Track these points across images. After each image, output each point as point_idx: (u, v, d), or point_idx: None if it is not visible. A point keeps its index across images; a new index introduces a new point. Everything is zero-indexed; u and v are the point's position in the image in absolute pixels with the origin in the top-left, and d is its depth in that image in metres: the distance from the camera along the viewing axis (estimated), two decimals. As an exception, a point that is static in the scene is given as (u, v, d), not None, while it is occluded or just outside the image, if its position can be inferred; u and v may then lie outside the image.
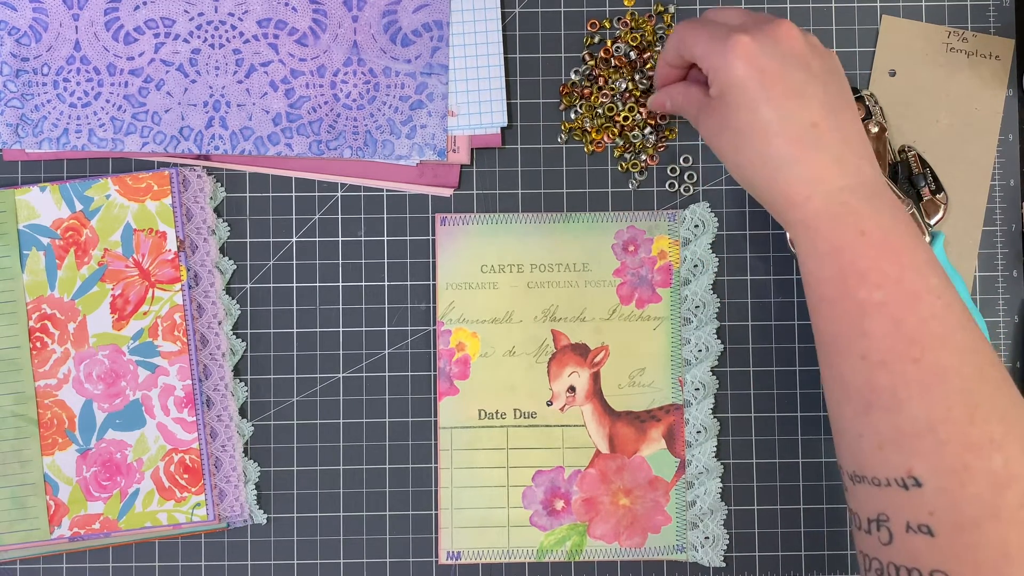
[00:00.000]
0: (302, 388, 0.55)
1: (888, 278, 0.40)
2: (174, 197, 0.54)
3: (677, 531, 0.54)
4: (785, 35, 0.42)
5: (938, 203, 0.54)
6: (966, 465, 0.38)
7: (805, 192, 0.42)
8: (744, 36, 0.42)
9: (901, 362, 0.39)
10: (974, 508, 0.37)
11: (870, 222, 0.41)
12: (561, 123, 0.55)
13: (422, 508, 0.54)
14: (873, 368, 0.40)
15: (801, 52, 0.42)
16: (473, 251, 0.55)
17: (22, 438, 0.53)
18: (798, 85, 0.42)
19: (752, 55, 0.42)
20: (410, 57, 0.54)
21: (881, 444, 0.40)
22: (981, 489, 0.37)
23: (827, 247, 0.41)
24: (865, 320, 0.40)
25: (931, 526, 0.38)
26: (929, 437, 0.38)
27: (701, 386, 0.54)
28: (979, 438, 0.38)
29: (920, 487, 0.38)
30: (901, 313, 0.40)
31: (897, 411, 0.39)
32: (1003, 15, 0.56)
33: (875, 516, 0.40)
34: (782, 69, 0.42)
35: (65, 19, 0.54)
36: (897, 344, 0.40)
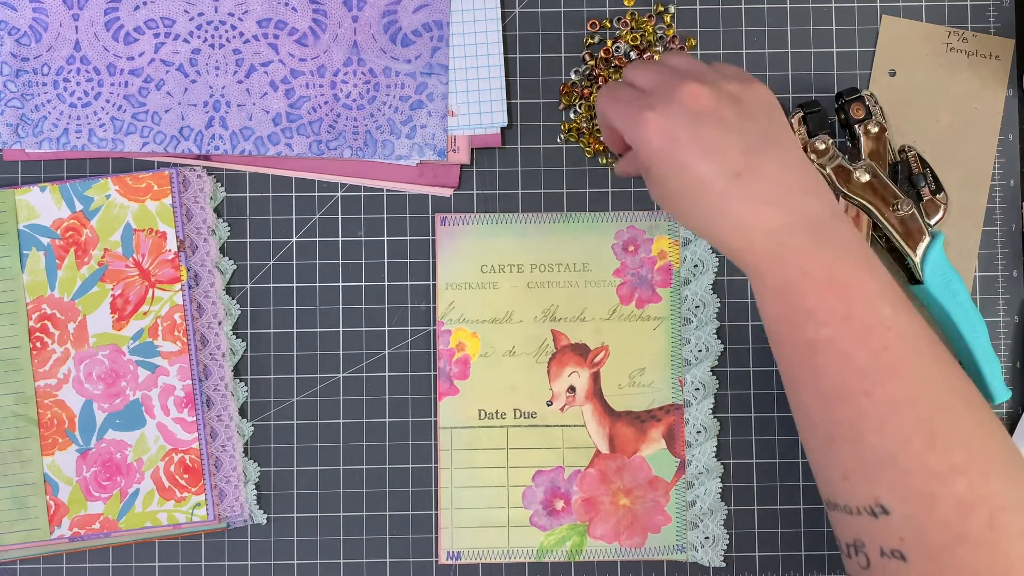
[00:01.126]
0: (302, 388, 0.55)
1: (835, 315, 0.40)
2: (174, 197, 0.54)
3: (677, 531, 0.54)
4: (689, 97, 0.42)
5: (938, 203, 0.54)
6: (930, 492, 0.38)
7: (744, 239, 0.42)
8: (650, 112, 0.42)
9: (855, 396, 0.40)
10: (942, 533, 0.38)
11: (812, 260, 0.41)
12: (561, 123, 0.55)
13: (422, 508, 0.54)
14: (829, 402, 0.41)
15: (709, 108, 0.42)
16: (473, 251, 0.55)
17: (22, 438, 0.53)
18: (713, 142, 0.42)
19: (662, 128, 0.42)
20: (410, 57, 0.54)
21: (846, 475, 0.40)
22: (947, 514, 0.38)
23: (773, 288, 0.42)
24: (816, 357, 0.41)
25: (903, 551, 0.39)
26: (891, 467, 0.39)
27: (701, 386, 0.54)
28: (940, 465, 0.38)
29: (888, 515, 0.39)
30: (850, 348, 0.40)
31: (857, 443, 0.40)
32: (1003, 15, 0.56)
33: (852, 541, 0.41)
34: (693, 132, 0.42)
35: (65, 19, 0.54)
36: (848, 378, 0.40)
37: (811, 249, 0.41)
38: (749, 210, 0.41)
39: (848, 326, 0.40)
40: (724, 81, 0.44)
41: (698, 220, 0.43)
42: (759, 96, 0.44)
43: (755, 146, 0.42)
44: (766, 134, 0.43)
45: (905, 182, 0.53)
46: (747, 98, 0.44)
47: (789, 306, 0.41)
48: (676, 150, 0.42)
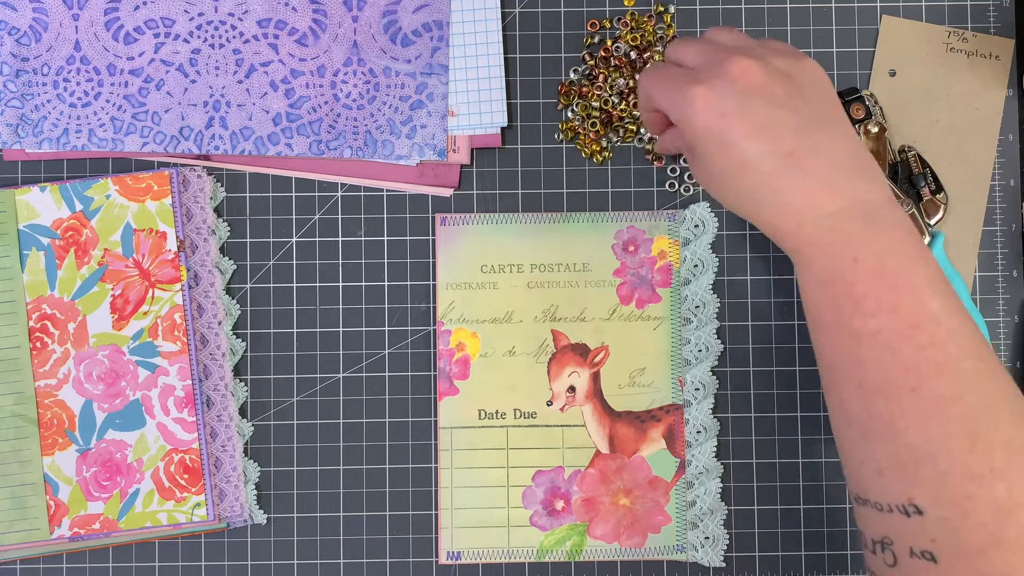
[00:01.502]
0: (302, 388, 0.55)
1: (883, 306, 0.39)
2: (174, 197, 0.54)
3: (677, 531, 0.54)
4: (740, 72, 0.41)
5: (938, 203, 0.53)
6: (968, 494, 0.37)
7: (794, 221, 0.40)
8: (699, 87, 0.41)
9: (897, 391, 0.39)
10: (977, 537, 0.37)
11: (864, 247, 0.39)
12: (560, 123, 0.55)
13: (422, 508, 0.54)
14: (870, 396, 0.39)
15: (761, 84, 0.41)
16: (473, 251, 0.55)
17: (22, 438, 0.53)
18: (763, 119, 0.40)
19: (710, 104, 0.41)
20: (410, 57, 0.54)
21: (881, 471, 0.39)
22: (984, 518, 0.37)
23: (821, 274, 0.40)
24: (860, 348, 0.40)
25: (934, 553, 0.38)
26: (929, 466, 0.38)
27: (701, 386, 0.54)
28: (980, 467, 0.37)
29: (921, 515, 0.38)
30: (897, 342, 0.39)
31: (895, 439, 0.39)
32: (1003, 15, 0.56)
33: (879, 539, 0.40)
34: (743, 108, 0.40)
35: (65, 19, 0.54)
36: (893, 373, 0.39)
37: (863, 235, 0.40)
38: (800, 192, 0.40)
39: (896, 318, 0.39)
40: (774, 56, 0.42)
41: (745, 201, 0.42)
42: (810, 72, 0.42)
43: (807, 125, 0.40)
44: (818, 113, 0.41)
45: (905, 182, 0.53)
46: (798, 74, 0.42)
47: (836, 294, 0.40)
48: (724, 127, 0.40)
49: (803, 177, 0.40)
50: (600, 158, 0.55)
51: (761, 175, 0.40)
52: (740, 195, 0.42)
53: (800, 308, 0.55)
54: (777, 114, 0.40)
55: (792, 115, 0.40)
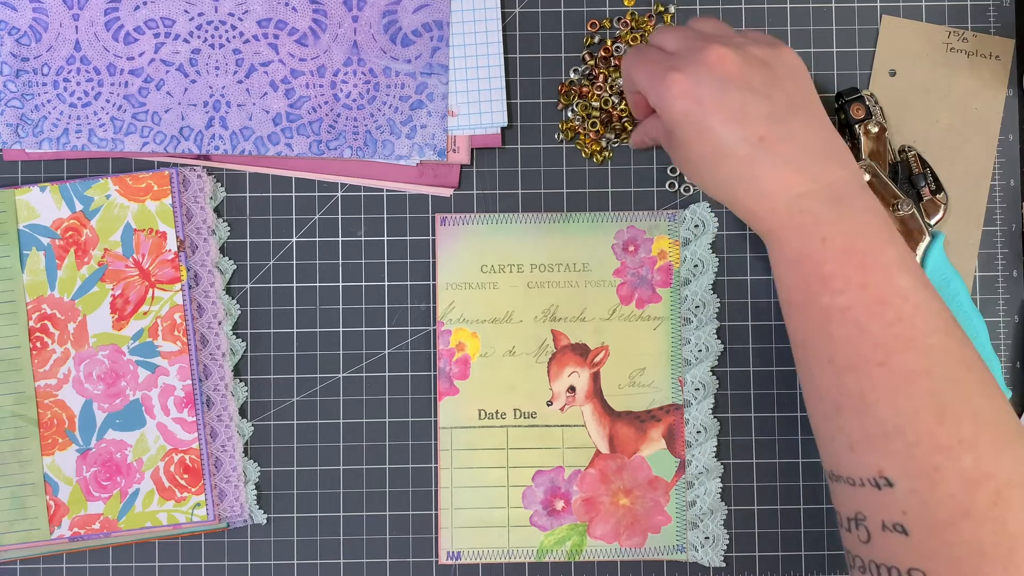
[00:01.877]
0: (302, 388, 0.55)
1: (851, 283, 0.40)
2: (174, 197, 0.54)
3: (677, 531, 0.54)
4: (717, 60, 0.42)
5: (938, 203, 0.53)
6: (936, 466, 0.38)
7: (767, 205, 0.42)
8: (676, 73, 0.42)
9: (867, 366, 0.40)
10: (946, 508, 0.38)
11: (832, 228, 0.41)
12: (560, 123, 0.55)
13: (422, 508, 0.54)
14: (840, 372, 0.40)
15: (737, 72, 0.42)
16: (473, 251, 0.55)
17: (22, 438, 0.53)
18: (738, 106, 0.41)
19: (687, 90, 0.42)
20: (410, 57, 0.54)
21: (852, 445, 0.40)
22: (953, 489, 0.38)
23: (791, 255, 0.42)
24: (830, 325, 0.41)
25: (905, 525, 0.38)
26: (898, 439, 0.39)
27: (701, 386, 0.54)
28: (948, 439, 0.38)
29: (892, 487, 0.39)
30: (865, 318, 0.40)
31: (865, 413, 0.40)
32: (1003, 15, 0.56)
33: (853, 515, 0.41)
34: (719, 95, 0.41)
35: (65, 19, 0.54)
36: (862, 348, 0.40)
37: (832, 217, 0.41)
38: (772, 176, 0.41)
39: (864, 295, 0.40)
40: (752, 45, 0.44)
41: (720, 185, 0.43)
42: (787, 61, 0.44)
43: (780, 111, 0.42)
44: (793, 100, 0.43)
45: (905, 182, 0.53)
46: (775, 63, 0.43)
47: (806, 273, 0.41)
48: (701, 113, 0.42)
49: (774, 162, 0.41)
50: (600, 158, 0.55)
51: (735, 160, 0.42)
52: (717, 180, 0.43)
53: (800, 308, 0.55)
54: (752, 101, 0.42)
55: (766, 102, 0.42)
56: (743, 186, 0.42)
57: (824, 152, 0.42)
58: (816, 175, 0.41)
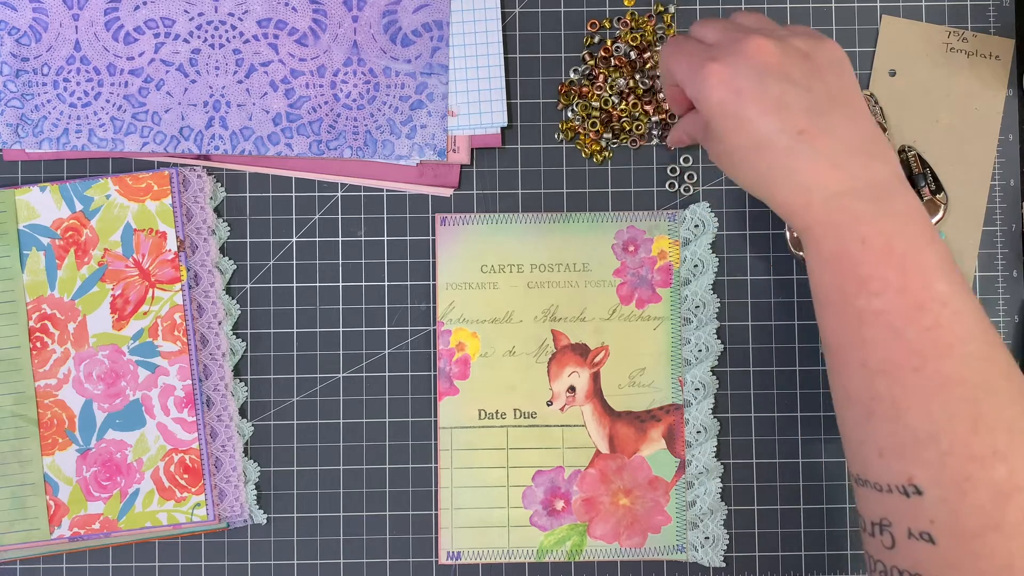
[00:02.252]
0: (302, 388, 0.55)
1: (889, 286, 0.39)
2: (174, 197, 0.54)
3: (677, 531, 0.54)
4: (756, 50, 0.41)
5: (938, 203, 0.53)
6: (968, 476, 0.37)
7: (803, 200, 0.41)
8: (715, 64, 0.41)
9: (901, 371, 0.39)
10: (976, 519, 0.37)
11: (872, 228, 0.40)
12: (560, 123, 0.55)
13: (422, 508, 0.54)
14: (873, 376, 0.40)
15: (776, 63, 0.41)
16: (473, 251, 0.55)
17: (22, 438, 0.53)
18: (777, 97, 0.41)
19: (725, 80, 0.41)
20: (410, 57, 0.54)
21: (882, 451, 0.39)
22: (983, 500, 0.37)
23: (828, 254, 0.41)
24: (864, 328, 0.40)
25: (932, 534, 0.38)
26: (930, 446, 0.38)
27: (701, 386, 0.54)
28: (982, 449, 0.37)
29: (921, 495, 0.38)
30: (901, 323, 0.39)
31: (897, 420, 0.39)
32: (1003, 15, 0.56)
33: (878, 520, 0.40)
34: (758, 86, 0.41)
35: (65, 19, 0.54)
36: (896, 353, 0.39)
37: (872, 216, 0.40)
38: (812, 171, 0.40)
39: (902, 298, 0.39)
40: (793, 37, 0.43)
41: (757, 178, 0.42)
42: (829, 53, 0.43)
43: (821, 105, 0.41)
44: (833, 93, 0.42)
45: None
46: (816, 54, 0.42)
47: (842, 273, 0.40)
48: (739, 104, 0.41)
49: (814, 156, 0.40)
50: (600, 158, 0.55)
51: (773, 152, 0.41)
52: (753, 173, 0.42)
53: (800, 308, 0.55)
54: (791, 92, 0.41)
55: (806, 94, 0.41)
56: (780, 180, 0.41)
57: (865, 148, 0.41)
58: (856, 172, 0.40)
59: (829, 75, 0.42)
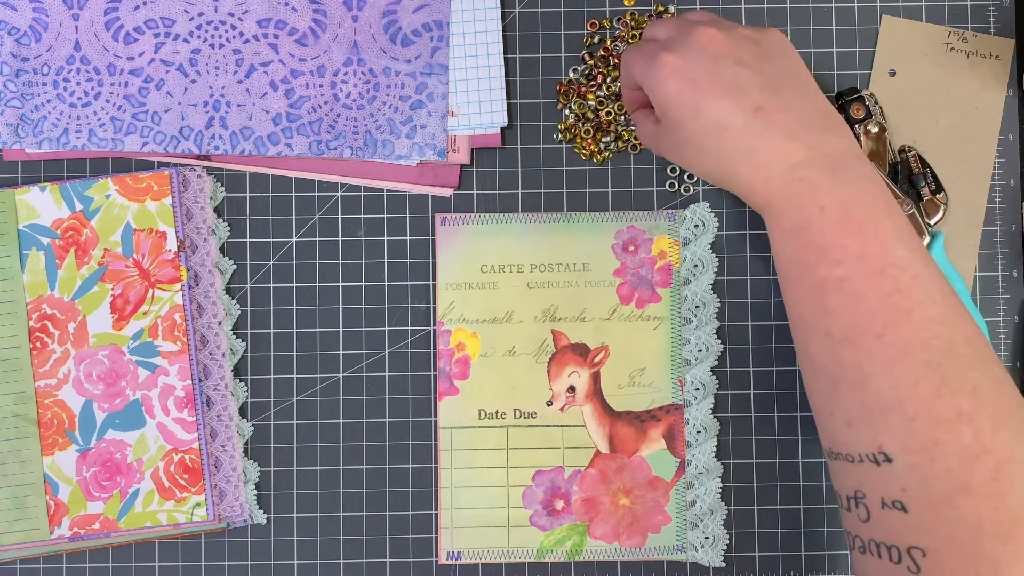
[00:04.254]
0: (302, 388, 0.55)
1: (848, 254, 0.40)
2: (174, 197, 0.54)
3: (677, 531, 0.54)
4: (707, 39, 0.43)
5: (938, 203, 0.54)
6: (935, 440, 0.37)
7: (763, 176, 0.42)
8: (667, 55, 0.43)
9: (864, 337, 0.39)
10: (945, 483, 0.37)
11: (829, 197, 0.41)
12: (559, 123, 0.55)
13: (422, 508, 0.54)
14: (837, 344, 0.40)
15: (727, 50, 0.43)
16: (473, 251, 0.55)
17: (22, 438, 0.53)
18: (731, 80, 0.42)
19: (679, 70, 0.43)
20: (410, 57, 0.54)
21: (850, 421, 0.40)
22: (951, 464, 0.37)
23: (789, 226, 0.42)
24: (827, 297, 0.40)
25: (904, 502, 0.38)
26: (896, 412, 0.38)
27: (701, 386, 0.54)
28: (947, 412, 0.38)
29: (891, 463, 0.38)
30: (862, 289, 0.40)
31: (863, 387, 0.39)
32: (1003, 15, 0.56)
33: (852, 493, 0.41)
34: (711, 71, 0.42)
35: (65, 19, 0.54)
36: (859, 320, 0.40)
37: (829, 185, 0.41)
38: (769, 146, 0.41)
39: (861, 265, 0.40)
40: (740, 28, 0.45)
41: (717, 161, 0.43)
42: (775, 39, 0.45)
43: (773, 83, 0.42)
44: (784, 72, 0.43)
45: (905, 182, 0.53)
46: (763, 40, 0.44)
47: (803, 244, 0.41)
48: (694, 91, 0.42)
49: (771, 131, 0.42)
50: (600, 158, 0.55)
51: (731, 133, 0.42)
52: (713, 157, 0.43)
53: (800, 308, 0.55)
54: (744, 74, 0.42)
55: (759, 75, 0.42)
56: (740, 159, 0.42)
57: (820, 121, 0.42)
58: (812, 144, 0.41)
59: (778, 58, 0.44)
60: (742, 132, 0.42)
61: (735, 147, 0.42)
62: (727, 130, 0.42)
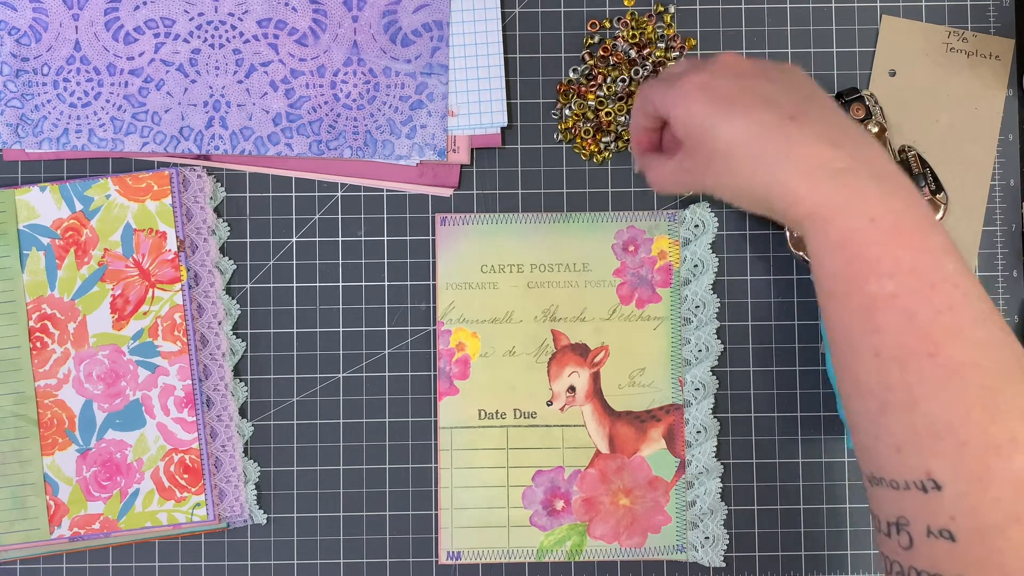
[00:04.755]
0: (302, 388, 0.55)
1: (900, 267, 0.38)
2: (174, 197, 0.54)
3: (677, 531, 0.54)
4: (732, 61, 0.43)
5: (938, 203, 0.54)
6: (988, 467, 0.36)
7: (807, 185, 0.39)
8: (693, 75, 0.42)
9: (916, 358, 0.37)
10: (997, 512, 0.36)
11: (879, 206, 0.38)
12: (558, 123, 0.55)
13: (422, 508, 0.54)
14: (886, 365, 0.38)
15: (753, 70, 0.42)
16: (473, 251, 0.55)
17: (22, 438, 0.53)
18: (762, 93, 0.41)
19: (704, 84, 0.42)
20: (410, 57, 0.54)
21: (898, 446, 0.38)
22: (1004, 492, 0.36)
23: (835, 236, 0.39)
24: (876, 315, 0.38)
25: (952, 531, 0.37)
26: (948, 437, 0.37)
27: (701, 386, 0.54)
28: (1000, 437, 0.36)
29: (940, 490, 0.37)
30: (914, 305, 0.38)
31: (913, 410, 0.38)
32: (1003, 15, 0.56)
33: (895, 520, 0.39)
34: (739, 84, 0.42)
35: (65, 19, 0.54)
36: (911, 339, 0.38)
37: (878, 194, 0.39)
38: (811, 152, 0.39)
39: (913, 280, 0.38)
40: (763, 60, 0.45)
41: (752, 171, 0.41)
42: (797, 70, 0.44)
43: (806, 99, 0.42)
44: (809, 96, 0.42)
45: (905, 182, 0.53)
46: (788, 70, 0.44)
47: (851, 257, 0.39)
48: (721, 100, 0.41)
49: (810, 139, 0.40)
50: (600, 158, 0.55)
51: (766, 142, 0.40)
52: (747, 167, 0.41)
53: (800, 308, 0.55)
54: (774, 90, 0.42)
55: (788, 91, 0.42)
56: (780, 169, 0.40)
57: (856, 134, 0.41)
58: (854, 152, 0.40)
59: (802, 84, 0.43)
60: (779, 140, 0.40)
61: (772, 156, 0.40)
62: (761, 137, 0.40)
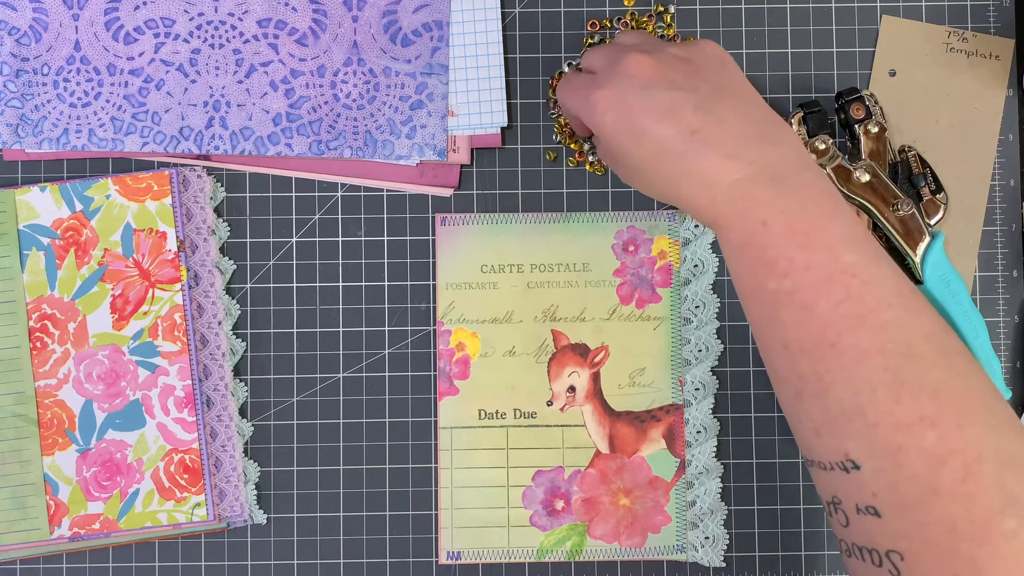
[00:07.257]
0: (302, 388, 0.55)
1: (795, 265, 0.40)
2: (174, 197, 0.54)
3: (677, 531, 0.54)
4: (636, 67, 0.44)
5: (938, 203, 0.54)
6: (899, 445, 0.37)
7: (708, 195, 0.42)
8: (600, 90, 0.44)
9: (819, 348, 0.39)
10: (913, 487, 0.37)
11: (771, 209, 0.41)
12: (556, 123, 0.55)
13: (422, 508, 0.54)
14: (795, 356, 0.40)
15: (657, 73, 0.43)
16: (473, 251, 0.55)
17: (22, 438, 0.53)
18: (666, 104, 0.42)
19: (613, 103, 0.43)
20: (410, 57, 0.54)
21: (817, 429, 0.40)
22: (918, 468, 0.37)
23: (736, 242, 0.42)
24: (780, 310, 0.41)
25: (876, 507, 0.38)
26: (858, 420, 0.38)
27: (701, 386, 0.54)
28: (908, 417, 0.37)
29: (859, 469, 0.38)
30: (812, 299, 0.40)
31: (825, 396, 0.39)
32: (1003, 15, 0.56)
33: (831, 499, 0.41)
34: (644, 99, 0.43)
35: (65, 19, 0.54)
36: (813, 331, 0.40)
37: (771, 199, 0.41)
38: (708, 166, 0.42)
39: (808, 276, 0.40)
40: (669, 47, 0.45)
41: (664, 185, 0.44)
42: (707, 52, 0.45)
43: (708, 101, 0.43)
44: (719, 87, 0.44)
45: (905, 182, 0.53)
46: (694, 57, 0.45)
47: (751, 259, 0.41)
48: (631, 120, 0.43)
49: (709, 152, 0.42)
50: (590, 165, 0.55)
51: (672, 157, 0.43)
52: (659, 180, 0.44)
53: (800, 308, 0.55)
54: (677, 96, 0.43)
55: (692, 94, 0.43)
56: (684, 182, 0.43)
57: (758, 134, 0.42)
58: (752, 159, 0.42)
59: (710, 73, 0.44)
60: (682, 155, 0.42)
61: (678, 171, 0.43)
62: (668, 155, 0.42)
